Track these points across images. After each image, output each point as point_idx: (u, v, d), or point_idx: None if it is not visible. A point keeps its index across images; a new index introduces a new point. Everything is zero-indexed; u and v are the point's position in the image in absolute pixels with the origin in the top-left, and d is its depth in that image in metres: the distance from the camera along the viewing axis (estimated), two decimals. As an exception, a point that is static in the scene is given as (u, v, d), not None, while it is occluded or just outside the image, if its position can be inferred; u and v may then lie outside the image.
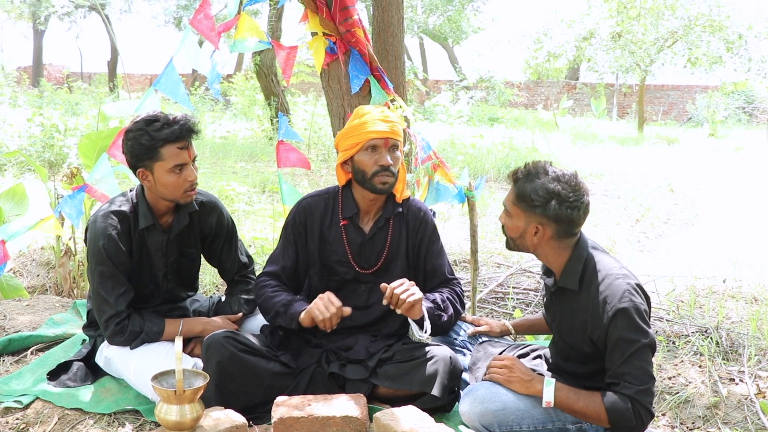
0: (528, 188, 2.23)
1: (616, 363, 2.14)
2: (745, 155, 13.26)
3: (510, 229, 2.34)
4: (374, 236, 2.72)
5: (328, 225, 2.74)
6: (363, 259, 2.73)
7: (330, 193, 2.79)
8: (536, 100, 25.42)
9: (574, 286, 2.27)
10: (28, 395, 2.69)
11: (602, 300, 2.17)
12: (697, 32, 16.78)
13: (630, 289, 2.16)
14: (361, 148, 2.59)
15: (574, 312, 2.30)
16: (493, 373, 2.36)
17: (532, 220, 2.25)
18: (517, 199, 2.27)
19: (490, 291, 4.47)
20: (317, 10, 3.13)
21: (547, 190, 2.20)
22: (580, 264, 2.27)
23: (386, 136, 2.59)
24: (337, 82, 3.23)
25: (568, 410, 2.23)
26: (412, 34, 25.69)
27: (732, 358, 3.40)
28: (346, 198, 2.73)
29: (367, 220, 2.74)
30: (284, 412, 2.31)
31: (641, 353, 2.12)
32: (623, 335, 2.12)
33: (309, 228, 2.74)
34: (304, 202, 2.78)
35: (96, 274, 2.65)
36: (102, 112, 4.31)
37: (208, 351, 2.52)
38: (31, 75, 25.67)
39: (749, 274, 5.08)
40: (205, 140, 11.56)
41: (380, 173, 2.59)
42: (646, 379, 2.11)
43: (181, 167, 2.61)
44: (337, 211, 2.74)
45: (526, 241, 2.31)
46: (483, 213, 7.02)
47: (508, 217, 2.34)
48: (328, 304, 2.49)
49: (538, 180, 2.23)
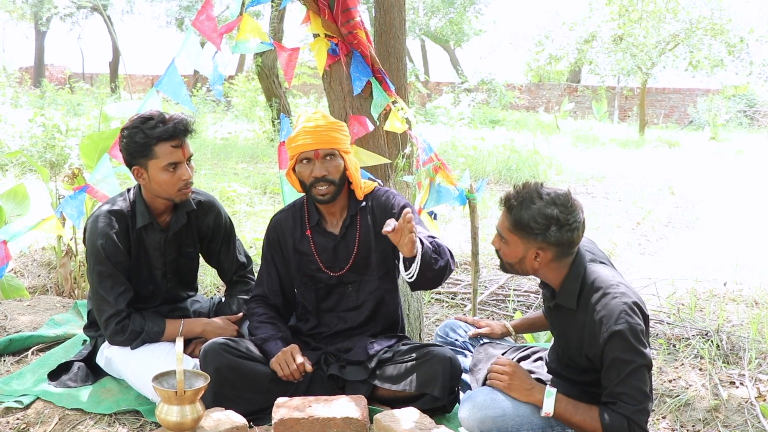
0: (525, 216, 2.19)
1: (613, 383, 2.14)
2: (746, 159, 13.24)
3: (507, 255, 2.30)
4: (345, 235, 2.72)
5: (299, 237, 2.74)
6: (338, 261, 2.72)
7: (296, 205, 2.80)
8: (537, 103, 25.42)
9: (572, 305, 2.26)
10: (29, 395, 2.69)
11: (598, 320, 2.16)
12: (698, 35, 16.78)
13: (626, 309, 2.13)
14: (297, 161, 2.60)
15: (571, 329, 2.30)
16: (494, 379, 2.35)
17: (532, 247, 2.23)
18: (514, 227, 2.23)
19: (491, 293, 4.47)
20: (319, 12, 3.13)
21: (545, 215, 2.17)
22: (577, 283, 2.25)
23: (315, 148, 2.56)
24: (339, 84, 3.23)
25: (565, 422, 2.24)
26: (413, 36, 25.69)
27: (732, 361, 3.40)
28: (310, 206, 2.75)
29: (335, 222, 2.73)
30: (285, 414, 2.31)
31: (637, 373, 2.11)
32: (619, 356, 2.11)
33: (283, 244, 2.76)
34: (274, 219, 2.81)
35: (95, 274, 2.66)
36: (103, 112, 4.32)
37: (206, 358, 2.52)
38: (32, 75, 25.71)
39: (750, 277, 5.09)
40: (206, 141, 11.57)
41: (315, 185, 2.58)
42: (642, 398, 2.11)
43: (175, 165, 2.62)
44: (305, 222, 2.74)
45: (525, 266, 2.28)
46: (484, 215, 7.01)
47: (504, 244, 2.29)
48: (289, 360, 2.54)
49: (534, 206, 2.18)
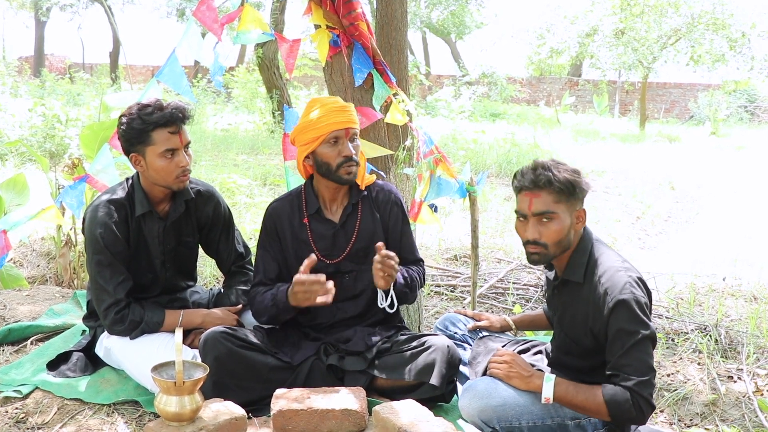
0: (561, 178, 2.19)
1: (617, 354, 2.13)
2: (747, 154, 13.25)
3: (554, 234, 2.22)
4: (345, 224, 2.72)
5: (297, 225, 2.73)
6: (336, 249, 2.72)
7: (293, 193, 2.80)
8: (538, 97, 25.39)
9: (579, 279, 2.27)
10: (28, 385, 2.70)
11: (603, 291, 2.17)
12: (700, 30, 16.74)
13: (631, 281, 2.16)
14: (323, 141, 2.58)
15: (576, 304, 2.30)
16: (494, 369, 2.36)
17: (575, 207, 2.24)
18: (559, 194, 2.20)
19: (490, 286, 4.48)
20: (321, 3, 3.12)
21: (569, 170, 2.23)
22: (585, 256, 2.28)
23: (347, 126, 2.58)
24: (340, 76, 3.22)
25: (568, 405, 2.23)
26: (415, 29, 25.65)
27: (731, 355, 3.41)
28: (308, 194, 2.74)
29: (335, 209, 2.74)
30: (284, 405, 2.32)
31: (641, 345, 2.11)
32: (624, 326, 2.12)
33: (280, 232, 2.74)
34: (270, 208, 2.79)
35: (94, 263, 2.65)
36: (104, 102, 4.31)
37: (205, 347, 2.51)
38: (32, 65, 25.65)
39: (749, 272, 5.09)
40: (206, 132, 11.55)
41: (345, 164, 2.59)
42: (645, 370, 2.10)
43: (173, 152, 2.62)
44: (302, 210, 2.74)
45: (570, 236, 2.25)
46: (484, 208, 7.02)
47: (548, 224, 2.22)
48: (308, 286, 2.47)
49: (557, 171, 2.21)
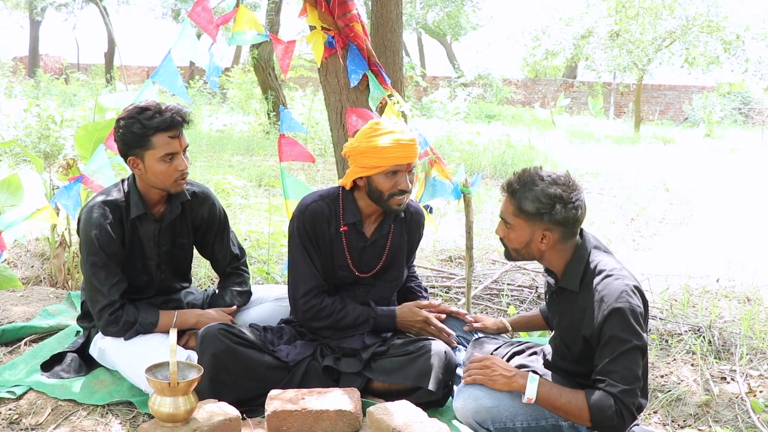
0: (529, 197, 2.20)
1: (605, 360, 2.14)
2: (741, 156, 13.30)
3: (513, 241, 2.30)
4: (375, 241, 2.72)
5: (333, 230, 2.70)
6: (363, 263, 2.73)
7: (330, 196, 2.73)
8: (533, 98, 25.42)
9: (575, 287, 2.27)
10: (22, 386, 2.69)
11: (599, 299, 2.17)
12: (694, 32, 16.81)
13: (628, 290, 2.15)
14: (383, 171, 2.54)
15: (572, 311, 2.30)
16: (475, 375, 2.33)
17: (538, 228, 2.23)
18: (519, 211, 2.24)
19: (484, 287, 4.48)
20: (316, 4, 3.13)
21: (549, 195, 2.18)
22: (581, 265, 2.27)
23: (410, 161, 2.55)
24: (335, 77, 3.23)
25: (550, 407, 2.22)
26: (410, 30, 25.66)
27: (724, 357, 3.42)
28: (347, 203, 2.69)
29: (368, 225, 2.72)
30: (278, 406, 2.32)
31: (631, 354, 2.11)
32: (616, 334, 2.12)
33: (320, 233, 2.69)
34: (310, 208, 2.69)
35: (88, 265, 2.64)
36: (99, 103, 4.30)
37: (203, 343, 2.51)
38: (27, 65, 25.56)
39: (742, 274, 5.10)
40: (201, 133, 11.54)
41: (397, 195, 2.57)
42: (632, 379, 2.11)
43: (172, 156, 2.61)
44: (339, 216, 2.70)
45: (532, 249, 2.28)
46: (479, 210, 7.03)
47: (509, 230, 2.30)
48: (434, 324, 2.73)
49: (536, 187, 2.20)
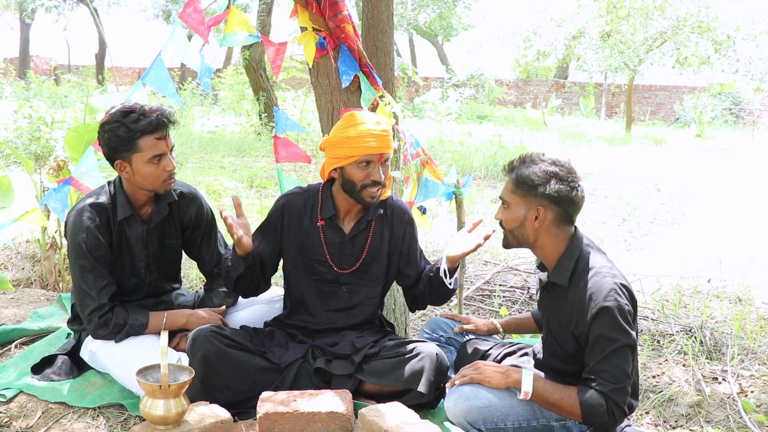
0: (526, 172, 2.26)
1: (595, 359, 2.16)
2: (732, 156, 13.36)
3: (509, 221, 2.32)
4: (354, 237, 2.70)
5: (307, 224, 2.70)
6: (343, 260, 2.71)
7: (310, 191, 2.74)
8: (525, 99, 25.48)
9: (564, 282, 2.29)
10: (12, 389, 2.67)
11: (588, 296, 2.19)
12: (685, 33, 16.87)
13: (616, 288, 2.17)
14: (355, 161, 2.53)
15: (562, 307, 2.31)
16: (471, 374, 2.34)
17: (533, 204, 2.26)
18: (515, 185, 2.28)
19: (476, 288, 4.48)
20: (307, 5, 3.12)
21: (546, 171, 2.24)
22: (572, 260, 2.28)
23: (382, 152, 2.54)
24: (326, 78, 3.22)
25: (543, 402, 2.25)
26: (401, 31, 25.68)
27: (715, 357, 3.43)
28: (326, 198, 2.69)
29: (347, 221, 2.71)
30: (269, 408, 2.31)
31: (620, 352, 2.14)
32: (604, 333, 2.14)
33: (285, 226, 2.70)
34: (283, 199, 2.74)
35: (77, 268, 2.63)
36: (89, 104, 4.28)
37: (194, 345, 2.51)
38: (17, 66, 25.43)
39: (734, 274, 5.13)
40: (192, 135, 11.51)
41: (370, 187, 2.56)
42: (622, 378, 2.14)
43: (160, 157, 2.61)
44: (317, 211, 2.70)
45: (526, 229, 2.30)
46: (470, 210, 7.03)
47: (506, 210, 2.33)
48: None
49: (534, 165, 2.27)
